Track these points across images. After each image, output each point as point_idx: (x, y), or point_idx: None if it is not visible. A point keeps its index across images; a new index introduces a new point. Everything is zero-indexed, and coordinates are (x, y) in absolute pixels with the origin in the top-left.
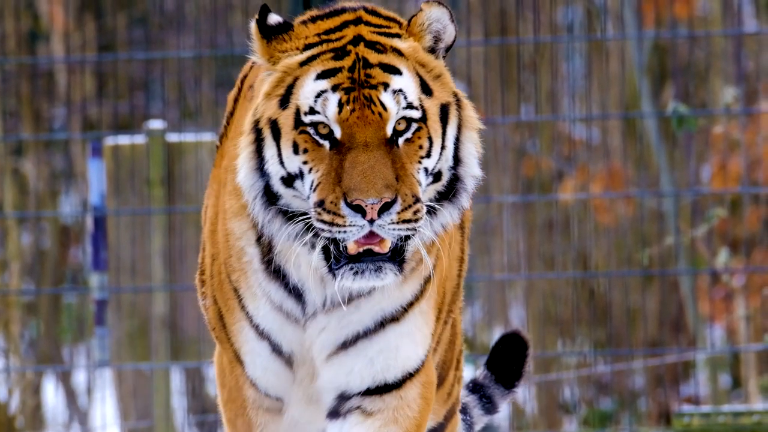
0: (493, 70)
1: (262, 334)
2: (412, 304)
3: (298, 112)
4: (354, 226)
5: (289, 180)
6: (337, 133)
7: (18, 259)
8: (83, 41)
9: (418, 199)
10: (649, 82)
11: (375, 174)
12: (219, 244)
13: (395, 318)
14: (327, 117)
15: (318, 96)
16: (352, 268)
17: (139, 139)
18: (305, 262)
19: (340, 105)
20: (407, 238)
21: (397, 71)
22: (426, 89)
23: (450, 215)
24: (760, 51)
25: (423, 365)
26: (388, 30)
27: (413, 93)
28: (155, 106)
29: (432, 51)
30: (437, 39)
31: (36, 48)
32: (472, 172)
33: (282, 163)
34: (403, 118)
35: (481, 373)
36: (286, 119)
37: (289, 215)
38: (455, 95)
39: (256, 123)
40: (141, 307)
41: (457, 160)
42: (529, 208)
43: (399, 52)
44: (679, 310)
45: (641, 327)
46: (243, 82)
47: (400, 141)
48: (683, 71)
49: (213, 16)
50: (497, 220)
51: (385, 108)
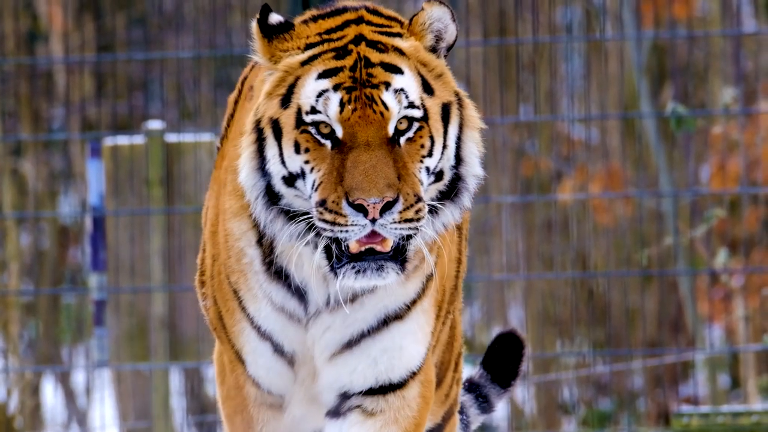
0: (491, 70)
1: (263, 335)
2: (415, 302)
3: (299, 111)
4: (356, 225)
5: (290, 180)
6: (339, 132)
7: (17, 259)
8: (82, 41)
9: (419, 199)
10: (648, 83)
11: (377, 173)
12: (219, 245)
13: (399, 316)
14: (328, 116)
15: (319, 95)
16: (354, 267)
17: (138, 139)
18: (308, 262)
19: (342, 104)
20: (409, 237)
21: (398, 70)
22: (427, 88)
23: (452, 214)
24: (759, 51)
25: (423, 364)
26: (389, 29)
27: (415, 92)
28: (154, 107)
29: (433, 50)
30: (438, 38)
31: (35, 48)
32: (474, 171)
33: (283, 162)
34: (405, 117)
35: (477, 373)
36: (287, 119)
37: (290, 215)
38: (457, 94)
39: (258, 123)
40: (140, 308)
41: (458, 159)
42: (528, 208)
43: (400, 52)
44: (678, 311)
45: (640, 327)
46: (243, 84)
47: (402, 140)
48: (682, 71)
49: (212, 16)
50: (496, 220)
51: (386, 107)
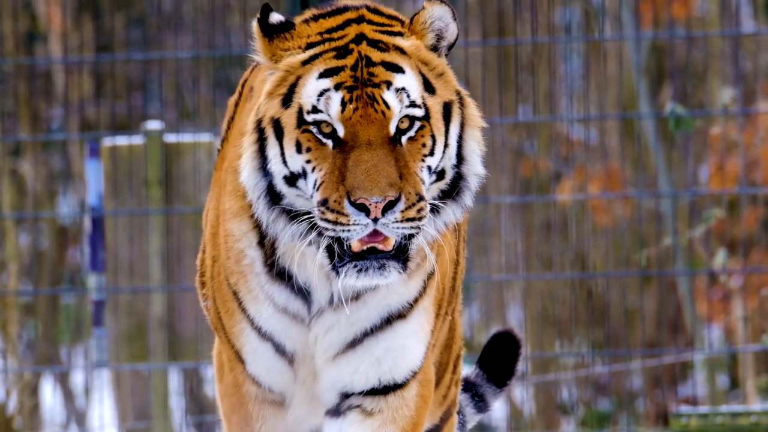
0: (490, 70)
1: (264, 336)
2: (417, 300)
3: (300, 111)
4: (358, 224)
5: (292, 179)
6: (340, 131)
7: (16, 259)
8: (81, 42)
9: (421, 198)
10: (647, 83)
11: (378, 172)
12: (219, 246)
13: (402, 315)
14: (330, 116)
15: (321, 95)
16: (356, 266)
17: (136, 139)
18: (311, 262)
19: (343, 104)
20: (411, 236)
21: (399, 69)
22: (429, 87)
23: (453, 213)
24: (758, 51)
25: (423, 363)
26: (390, 28)
27: (416, 91)
28: (153, 107)
29: (434, 49)
30: (440, 37)
31: (34, 48)
32: (476, 170)
33: (285, 162)
34: (406, 116)
35: (473, 372)
36: (288, 118)
37: (292, 215)
38: (458, 93)
39: (259, 122)
40: (139, 308)
41: (460, 158)
42: (526, 208)
43: (401, 51)
44: (676, 311)
45: (639, 328)
46: (244, 87)
47: (404, 139)
48: (681, 72)
49: (211, 16)
50: (495, 220)
51: (388, 106)
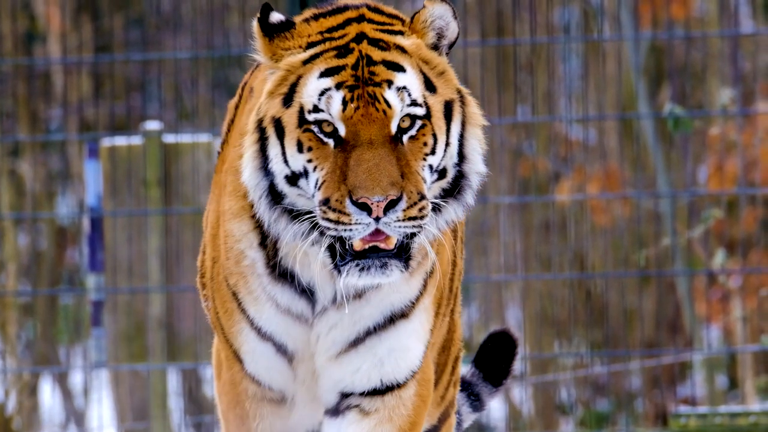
0: (489, 71)
1: (264, 336)
2: (418, 298)
3: (301, 110)
4: (360, 224)
5: (293, 179)
6: (342, 131)
7: (15, 260)
8: (80, 42)
9: (423, 197)
10: (646, 83)
11: (380, 171)
12: (219, 248)
13: (404, 314)
14: (331, 115)
15: (322, 94)
16: (357, 265)
17: (135, 140)
18: (314, 261)
19: (344, 103)
20: (413, 235)
21: (400, 68)
22: (430, 86)
23: (455, 212)
24: (757, 52)
25: (422, 362)
26: (391, 27)
27: (417, 90)
28: (152, 107)
29: (435, 48)
30: (440, 36)
31: (33, 49)
32: (477, 168)
33: (286, 161)
34: (408, 115)
35: (469, 371)
36: (289, 118)
37: (294, 214)
38: (459, 92)
39: (260, 122)
40: (137, 308)
41: (461, 156)
42: (525, 209)
43: (402, 50)
44: (675, 311)
45: (638, 328)
46: (244, 89)
47: (405, 138)
48: (680, 72)
49: (210, 17)
50: (494, 221)
51: (389, 105)
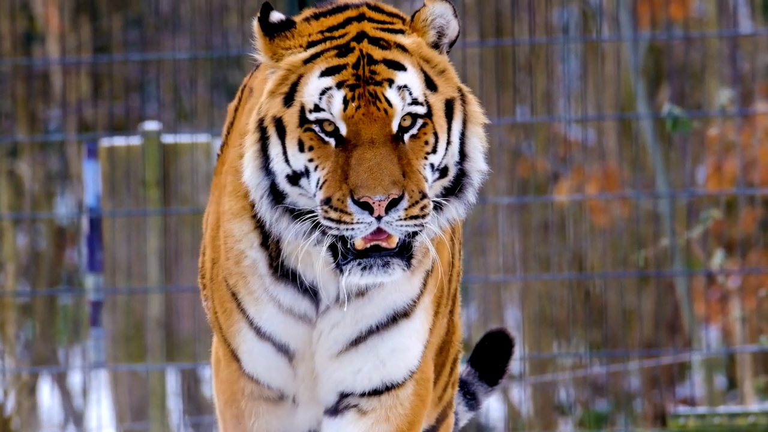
0: (488, 71)
1: (263, 336)
2: (419, 297)
3: (302, 109)
4: (361, 223)
5: (294, 178)
6: (343, 130)
7: (13, 260)
8: (79, 42)
9: (424, 195)
10: (645, 84)
11: (381, 171)
12: (219, 249)
13: (406, 313)
14: (332, 114)
15: (323, 93)
16: (360, 264)
17: (134, 140)
18: (317, 260)
19: (345, 102)
20: (415, 234)
21: (401, 67)
22: (430, 85)
23: (456, 210)
24: (756, 52)
25: (420, 362)
26: (391, 26)
27: (418, 89)
28: (151, 108)
29: (436, 46)
30: (441, 34)
31: (31, 49)
32: (478, 166)
33: (287, 161)
34: (409, 114)
35: (464, 370)
36: (290, 117)
37: (295, 214)
38: (460, 90)
39: (261, 121)
40: (136, 308)
41: (462, 155)
42: (524, 209)
43: (403, 48)
44: (674, 312)
45: (637, 328)
46: (243, 92)
47: (406, 137)
48: (679, 72)
49: (208, 17)
50: (492, 221)
51: (390, 104)
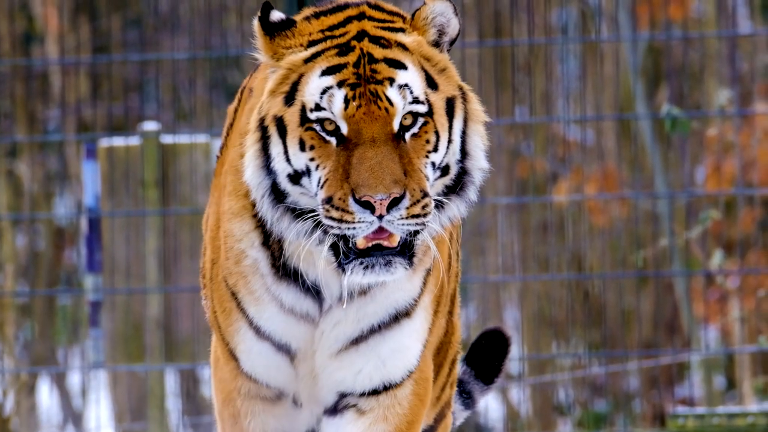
0: (487, 71)
1: (262, 335)
2: (419, 296)
3: (303, 108)
4: (363, 222)
5: (296, 177)
6: (344, 129)
7: (12, 260)
8: (78, 43)
9: (426, 194)
10: (644, 84)
11: (383, 169)
12: (219, 249)
13: (408, 312)
14: (333, 113)
15: (323, 92)
16: (362, 263)
17: (133, 140)
18: (319, 258)
19: (346, 101)
20: (416, 232)
21: (402, 66)
22: (431, 83)
23: (458, 208)
24: (755, 52)
25: (419, 361)
26: (392, 25)
27: (419, 87)
28: (150, 108)
29: (436, 45)
30: (441, 32)
31: (30, 49)
32: (480, 164)
33: (288, 160)
34: (410, 112)
35: (461, 369)
36: (291, 116)
37: (297, 213)
38: (460, 88)
39: (262, 121)
40: (135, 309)
41: (464, 153)
42: (523, 209)
43: (403, 47)
44: (673, 312)
45: (636, 328)
46: (243, 94)
47: (407, 136)
48: (678, 73)
49: (207, 17)
50: (491, 221)
51: (391, 103)
